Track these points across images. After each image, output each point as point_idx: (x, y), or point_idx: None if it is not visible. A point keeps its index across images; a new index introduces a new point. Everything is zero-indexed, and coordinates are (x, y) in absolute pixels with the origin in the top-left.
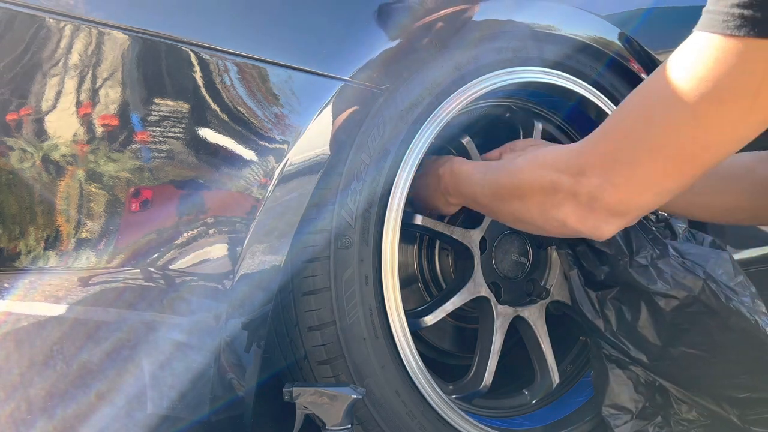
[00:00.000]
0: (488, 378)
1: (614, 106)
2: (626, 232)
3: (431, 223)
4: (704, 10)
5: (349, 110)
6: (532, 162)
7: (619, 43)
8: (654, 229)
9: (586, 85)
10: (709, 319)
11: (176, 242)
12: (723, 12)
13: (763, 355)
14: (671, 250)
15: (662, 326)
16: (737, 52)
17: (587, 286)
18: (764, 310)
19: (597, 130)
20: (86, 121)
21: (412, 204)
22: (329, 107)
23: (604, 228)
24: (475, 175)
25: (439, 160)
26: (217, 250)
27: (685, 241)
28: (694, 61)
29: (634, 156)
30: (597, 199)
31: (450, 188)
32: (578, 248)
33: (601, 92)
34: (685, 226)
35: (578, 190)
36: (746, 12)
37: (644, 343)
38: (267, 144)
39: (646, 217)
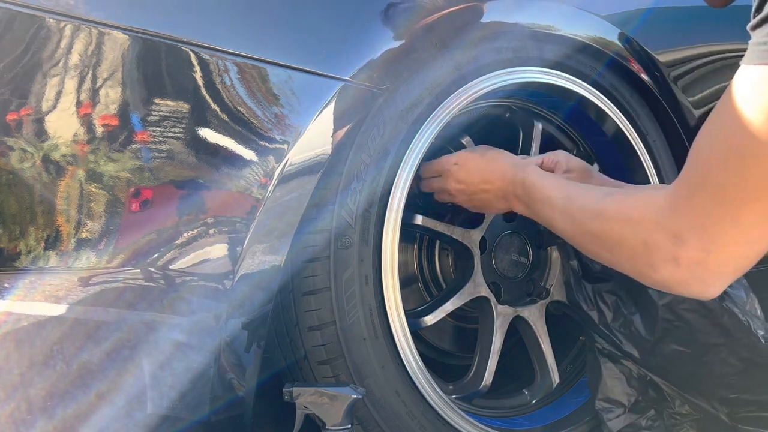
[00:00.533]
0: (488, 378)
1: (614, 107)
2: None
3: (431, 223)
4: (750, 43)
5: (349, 110)
6: (619, 212)
7: (619, 43)
8: None
9: (586, 85)
10: (701, 317)
11: (176, 242)
12: None
13: (754, 357)
14: None
15: (655, 321)
16: None
17: (584, 279)
18: (759, 313)
19: (684, 180)
20: (86, 121)
21: (418, 197)
22: (329, 107)
23: (712, 290)
24: (553, 198)
25: (497, 154)
26: (217, 250)
27: None
28: (756, 94)
29: (734, 211)
30: (702, 264)
31: (518, 195)
32: None
33: (601, 92)
34: None
35: (678, 255)
36: None
37: (637, 337)
38: (267, 144)
39: None
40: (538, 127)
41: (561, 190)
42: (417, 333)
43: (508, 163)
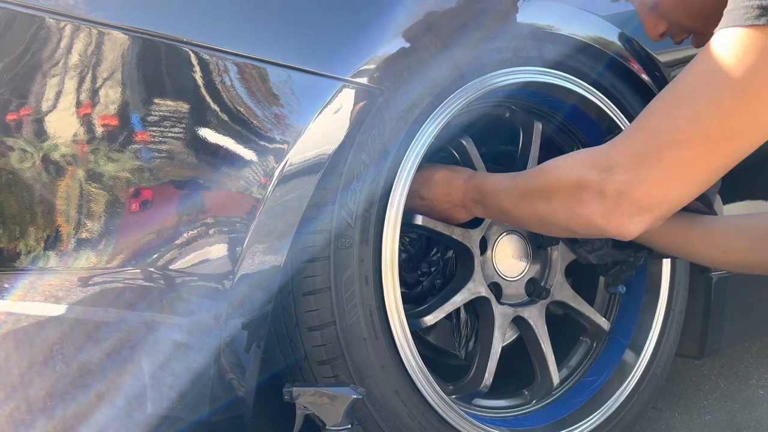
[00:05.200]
0: (488, 378)
1: (614, 106)
2: None
3: (431, 223)
4: (725, 10)
5: (349, 110)
6: (561, 161)
7: (619, 43)
8: None
9: (586, 85)
10: None
11: (176, 242)
12: (743, 6)
13: None
14: None
15: None
16: (759, 41)
17: None
18: None
19: (626, 130)
20: (86, 121)
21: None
22: (329, 107)
23: (630, 225)
24: (502, 183)
25: (451, 172)
26: (217, 250)
27: None
28: (717, 54)
29: (660, 149)
30: (624, 195)
31: (475, 199)
32: None
33: (601, 92)
34: None
35: (605, 187)
36: (765, 2)
37: None
38: (267, 144)
39: None
40: (538, 127)
41: (507, 176)
42: (417, 333)
43: (457, 174)
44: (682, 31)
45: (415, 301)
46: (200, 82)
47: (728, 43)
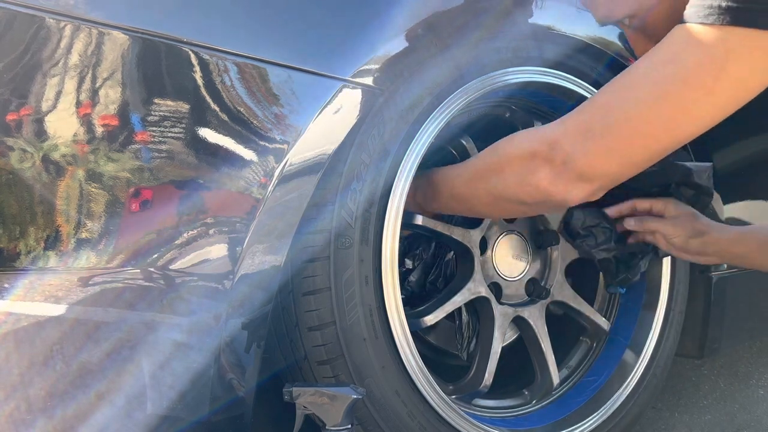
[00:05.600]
0: (488, 378)
1: None
2: None
3: (431, 224)
4: (686, 7)
5: (349, 110)
6: (514, 137)
7: (620, 43)
8: None
9: (587, 85)
10: None
11: (176, 242)
12: (697, 5)
13: None
14: None
15: None
16: (703, 37)
17: None
18: None
19: (578, 107)
20: (86, 121)
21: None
22: (329, 107)
23: (572, 192)
24: (453, 170)
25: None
26: (217, 250)
27: None
28: (667, 45)
29: (605, 127)
30: (568, 164)
31: (429, 194)
32: None
33: None
34: None
35: (553, 156)
36: (715, 3)
37: None
38: (267, 144)
39: None
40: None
41: (459, 164)
42: (417, 333)
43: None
44: None
45: (414, 301)
46: (200, 82)
47: (680, 36)
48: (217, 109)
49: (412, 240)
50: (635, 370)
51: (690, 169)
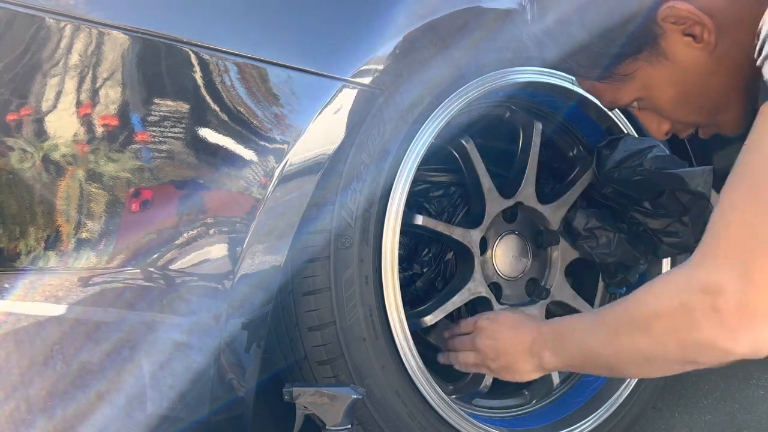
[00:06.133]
0: (488, 378)
1: None
2: None
3: (431, 224)
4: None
5: (349, 110)
6: (653, 288)
7: None
8: None
9: None
10: None
11: (176, 242)
12: None
13: None
14: None
15: None
16: None
17: None
18: None
19: (707, 237)
20: (86, 121)
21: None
22: (329, 107)
23: (762, 337)
24: (581, 323)
25: (519, 314)
26: (217, 250)
27: None
28: None
29: (759, 241)
30: (743, 306)
31: (549, 343)
32: None
33: None
34: None
35: (718, 305)
36: None
37: None
38: (267, 144)
39: None
40: (538, 127)
41: (585, 316)
42: (417, 333)
43: (529, 324)
44: (688, 126)
45: (414, 301)
46: (200, 82)
47: None
48: (217, 109)
49: (412, 240)
50: None
51: (680, 176)
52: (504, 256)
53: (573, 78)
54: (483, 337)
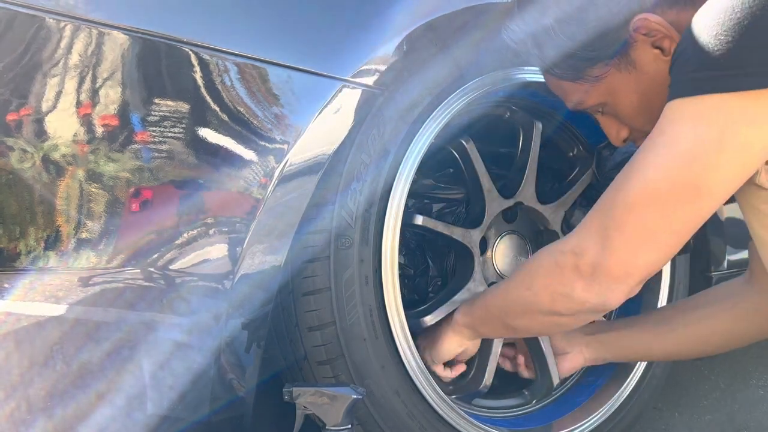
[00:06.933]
0: (488, 378)
1: None
2: None
3: (431, 224)
4: (668, 87)
5: (349, 110)
6: (538, 253)
7: None
8: None
9: None
10: None
11: (176, 242)
12: (679, 81)
13: None
14: None
15: None
16: (693, 108)
17: None
18: None
19: (589, 212)
20: (86, 121)
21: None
22: (329, 107)
23: (609, 295)
24: (488, 293)
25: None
26: (217, 250)
27: None
28: (664, 125)
29: (619, 219)
30: (597, 267)
31: (461, 310)
32: None
33: None
34: None
35: (579, 264)
36: (696, 75)
37: None
38: (267, 144)
39: None
40: (538, 126)
41: (493, 287)
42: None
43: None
44: (645, 135)
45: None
46: (200, 82)
47: (672, 114)
48: (217, 109)
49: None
50: (635, 370)
51: None
52: (504, 256)
53: None
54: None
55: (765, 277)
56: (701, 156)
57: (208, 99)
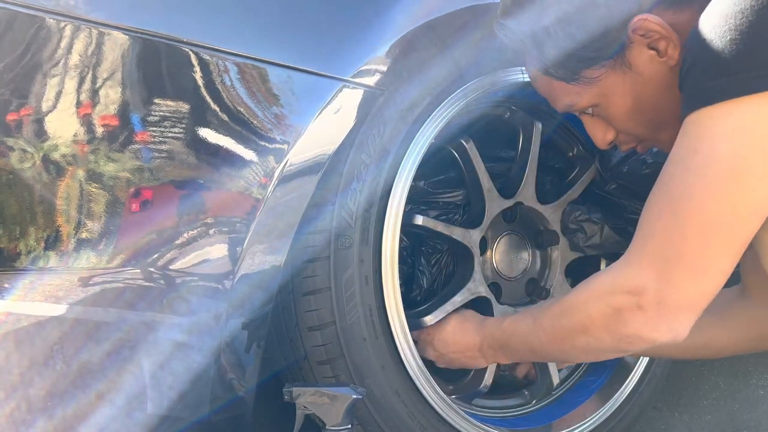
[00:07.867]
0: (488, 378)
1: None
2: None
3: (431, 224)
4: (686, 96)
5: (349, 110)
6: (582, 294)
7: None
8: None
9: None
10: None
11: (176, 242)
12: (704, 89)
13: None
14: None
15: None
16: (727, 119)
17: None
18: None
19: (633, 244)
20: (86, 121)
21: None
22: (329, 107)
23: (680, 329)
24: (522, 325)
25: (461, 321)
26: (217, 250)
27: None
28: (695, 141)
29: (678, 250)
30: (662, 303)
31: (494, 346)
32: None
33: None
34: None
35: (641, 303)
36: (722, 81)
37: None
38: (267, 144)
39: None
40: (538, 126)
41: (523, 319)
42: None
43: (473, 329)
44: (631, 138)
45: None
46: (200, 82)
47: (698, 128)
48: (217, 109)
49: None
50: (635, 370)
51: None
52: (504, 256)
53: None
54: (431, 349)
55: (760, 290)
56: (747, 170)
57: (208, 99)
